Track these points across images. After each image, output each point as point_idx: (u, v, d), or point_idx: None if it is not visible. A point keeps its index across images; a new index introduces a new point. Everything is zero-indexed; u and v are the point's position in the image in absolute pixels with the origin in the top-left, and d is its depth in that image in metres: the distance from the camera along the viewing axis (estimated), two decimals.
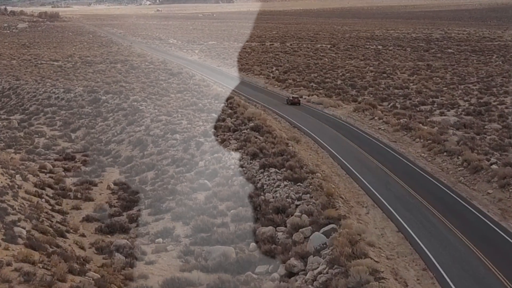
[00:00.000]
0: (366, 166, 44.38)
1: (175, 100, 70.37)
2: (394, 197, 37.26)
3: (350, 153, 48.06)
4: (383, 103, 70.86)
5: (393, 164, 44.77)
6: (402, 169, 43.38)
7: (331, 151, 48.23)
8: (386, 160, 45.87)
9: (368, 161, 45.71)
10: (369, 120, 59.66)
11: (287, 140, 49.93)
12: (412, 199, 36.95)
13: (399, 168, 43.58)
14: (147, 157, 52.10)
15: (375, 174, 42.37)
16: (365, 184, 40.04)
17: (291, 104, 69.96)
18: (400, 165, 44.57)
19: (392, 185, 39.85)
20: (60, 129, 66.74)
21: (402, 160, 46.08)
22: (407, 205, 35.81)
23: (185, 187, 42.82)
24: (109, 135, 60.44)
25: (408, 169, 43.52)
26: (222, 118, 57.46)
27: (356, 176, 41.74)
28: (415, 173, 42.48)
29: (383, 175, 41.99)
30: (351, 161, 45.49)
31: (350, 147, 49.85)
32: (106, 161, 54.04)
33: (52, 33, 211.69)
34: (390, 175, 41.76)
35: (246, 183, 41.41)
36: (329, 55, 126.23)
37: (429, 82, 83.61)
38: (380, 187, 39.33)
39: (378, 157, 46.52)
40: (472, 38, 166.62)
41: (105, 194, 45.45)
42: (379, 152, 48.38)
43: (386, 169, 43.22)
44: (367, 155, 47.10)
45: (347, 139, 52.56)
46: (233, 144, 49.45)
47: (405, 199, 36.91)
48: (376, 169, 43.50)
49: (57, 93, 79.39)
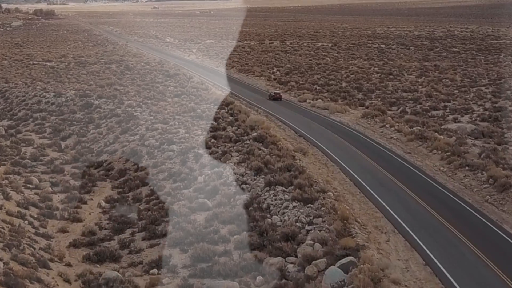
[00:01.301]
0: (381, 182, 40.49)
1: (172, 105, 66.39)
2: (416, 221, 33.38)
3: (362, 166, 44.15)
4: (392, 107, 67.02)
5: (411, 179, 40.89)
6: (421, 186, 39.51)
7: (342, 165, 44.33)
8: (403, 174, 41.97)
9: (383, 176, 41.82)
10: (380, 127, 55.75)
11: (293, 152, 46.07)
12: (436, 223, 33.07)
13: (418, 185, 39.70)
14: (142, 170, 48.18)
15: (392, 192, 38.51)
16: (382, 204, 36.15)
17: (273, 99, 72.25)
18: (419, 181, 40.69)
19: (412, 205, 35.98)
20: (50, 137, 62.70)
21: (419, 175, 42.18)
22: (432, 231, 31.93)
23: (183, 207, 38.93)
24: (101, 144, 56.45)
25: (427, 186, 39.63)
26: (222, 127, 53.50)
27: (371, 195, 37.86)
28: (436, 191, 38.58)
29: (401, 194, 38.12)
30: (365, 176, 41.59)
31: (362, 160, 45.95)
32: (97, 174, 50.09)
33: (47, 32, 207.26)
34: (409, 194, 37.89)
35: (250, 203, 37.54)
36: (331, 55, 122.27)
37: (439, 84, 79.70)
38: (399, 208, 35.45)
39: (394, 171, 42.60)
40: (476, 36, 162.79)
41: (95, 214, 41.54)
42: (394, 165, 44.49)
43: (404, 186, 39.34)
44: (381, 169, 43.20)
45: (358, 150, 48.64)
46: (235, 157, 45.52)
47: (429, 223, 33.04)
48: (393, 186, 39.63)
49: (47, 97, 75.30)
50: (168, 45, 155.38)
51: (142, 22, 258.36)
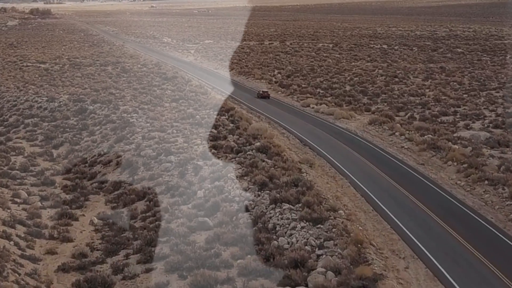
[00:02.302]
0: (395, 198, 37.63)
1: (170, 111, 63.42)
2: (437, 244, 30.51)
3: (374, 180, 41.27)
4: (399, 113, 64.14)
5: (426, 195, 38.02)
6: (439, 203, 36.63)
7: (352, 178, 41.41)
8: (418, 189, 39.10)
9: (397, 190, 38.95)
10: (389, 136, 52.82)
11: (299, 164, 43.17)
12: (458, 246, 30.21)
13: (435, 201, 36.83)
14: (138, 182, 45.17)
15: (407, 209, 35.64)
16: (398, 224, 33.29)
17: (261, 98, 74.13)
18: (435, 197, 37.81)
19: (431, 225, 33.11)
20: (41, 144, 59.67)
21: (435, 189, 39.29)
22: (455, 256, 29.07)
23: (182, 226, 35.95)
24: (95, 153, 53.45)
25: (445, 203, 36.75)
26: (223, 135, 50.53)
27: (385, 213, 34.99)
28: (455, 209, 35.71)
29: (417, 211, 35.25)
30: (377, 191, 38.71)
31: (373, 172, 43.03)
32: (90, 186, 47.10)
33: (42, 31, 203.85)
34: (426, 211, 35.03)
35: (255, 223, 34.64)
36: (333, 56, 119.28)
37: (447, 88, 76.81)
38: (416, 228, 32.59)
39: (407, 185, 39.73)
40: (480, 36, 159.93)
41: (87, 232, 38.59)
42: (407, 178, 41.59)
43: (419, 202, 36.48)
44: (394, 183, 40.32)
45: (368, 160, 45.72)
46: (237, 169, 42.57)
47: (451, 247, 30.16)
48: (408, 202, 36.75)
49: (39, 102, 72.24)
50: (166, 46, 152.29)
51: (139, 22, 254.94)
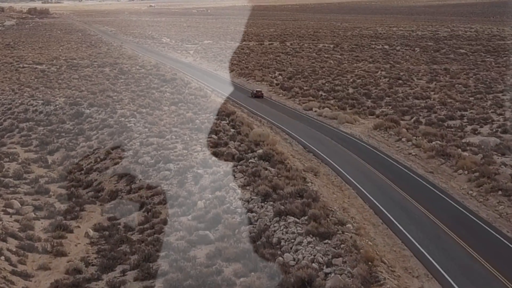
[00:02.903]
0: (404, 209, 35.89)
1: (169, 115, 61.64)
2: (452, 262, 28.73)
3: (381, 189, 39.54)
4: (404, 116, 62.43)
5: (437, 206, 36.30)
6: (451, 214, 34.92)
7: (358, 187, 39.69)
8: (428, 199, 37.39)
9: (406, 201, 37.24)
10: (395, 141, 51.09)
11: (303, 173, 41.41)
12: (475, 264, 28.49)
13: (446, 213, 35.13)
14: (135, 191, 43.42)
15: (418, 222, 33.89)
16: (409, 239, 31.56)
17: (255, 97, 75.72)
18: (447, 208, 36.10)
19: (444, 240, 31.38)
20: (36, 150, 57.86)
21: (447, 200, 37.56)
22: (472, 276, 27.36)
23: (181, 240, 34.19)
24: (91, 160, 51.67)
25: (458, 215, 35.04)
26: (224, 142, 48.75)
27: (396, 227, 33.27)
28: (468, 222, 34.00)
29: (428, 224, 33.53)
30: (385, 202, 36.99)
31: (380, 181, 41.29)
32: (86, 195, 45.30)
33: (40, 31, 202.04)
34: (439, 225, 33.30)
35: (258, 236, 32.90)
36: (334, 57, 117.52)
37: (452, 90, 75.06)
38: (429, 244, 30.85)
39: (417, 195, 38.00)
40: (482, 37, 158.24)
41: (82, 245, 36.82)
42: (416, 188, 39.86)
43: (430, 214, 34.77)
44: (402, 193, 38.61)
45: (374, 169, 43.97)
46: (239, 178, 40.81)
47: (467, 266, 28.43)
48: (418, 214, 35.03)
49: (35, 105, 70.42)
50: (164, 46, 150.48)
51: (137, 21, 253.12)
